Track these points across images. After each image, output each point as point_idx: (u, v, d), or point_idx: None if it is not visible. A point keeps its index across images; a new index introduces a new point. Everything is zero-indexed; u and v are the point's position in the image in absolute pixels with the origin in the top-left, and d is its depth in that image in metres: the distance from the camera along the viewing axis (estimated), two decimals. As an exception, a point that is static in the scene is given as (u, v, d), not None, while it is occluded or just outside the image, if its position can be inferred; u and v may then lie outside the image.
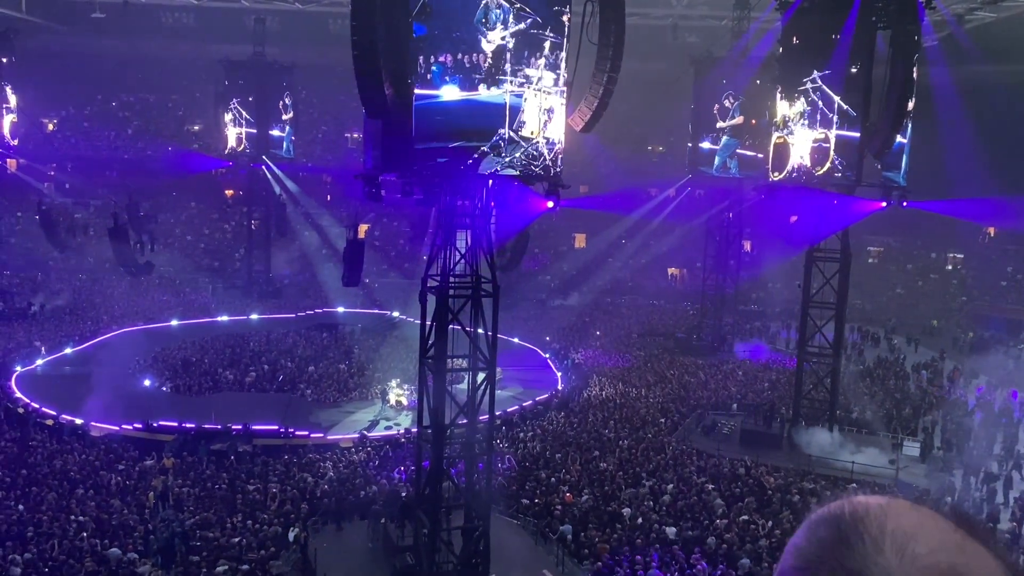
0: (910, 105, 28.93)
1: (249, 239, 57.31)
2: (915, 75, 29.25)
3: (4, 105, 45.58)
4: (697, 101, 46.41)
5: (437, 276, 19.31)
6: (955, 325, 51.07)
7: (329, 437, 30.24)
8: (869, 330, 49.69)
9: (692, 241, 53.04)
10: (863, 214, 31.43)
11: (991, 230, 60.61)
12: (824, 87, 29.04)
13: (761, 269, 52.85)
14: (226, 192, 65.62)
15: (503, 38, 17.72)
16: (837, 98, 28.70)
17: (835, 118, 28.83)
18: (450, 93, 17.45)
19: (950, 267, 60.53)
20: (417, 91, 17.08)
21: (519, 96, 18.10)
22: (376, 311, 50.24)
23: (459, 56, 17.45)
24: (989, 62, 49.71)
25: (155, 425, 29.93)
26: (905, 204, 32.72)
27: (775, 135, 30.79)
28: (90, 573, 18.68)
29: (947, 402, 36.09)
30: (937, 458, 29.70)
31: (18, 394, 33.07)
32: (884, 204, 31.19)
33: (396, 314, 48.08)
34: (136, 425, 29.99)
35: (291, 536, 21.58)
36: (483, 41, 17.59)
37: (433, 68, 17.22)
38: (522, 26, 17.84)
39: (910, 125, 30.02)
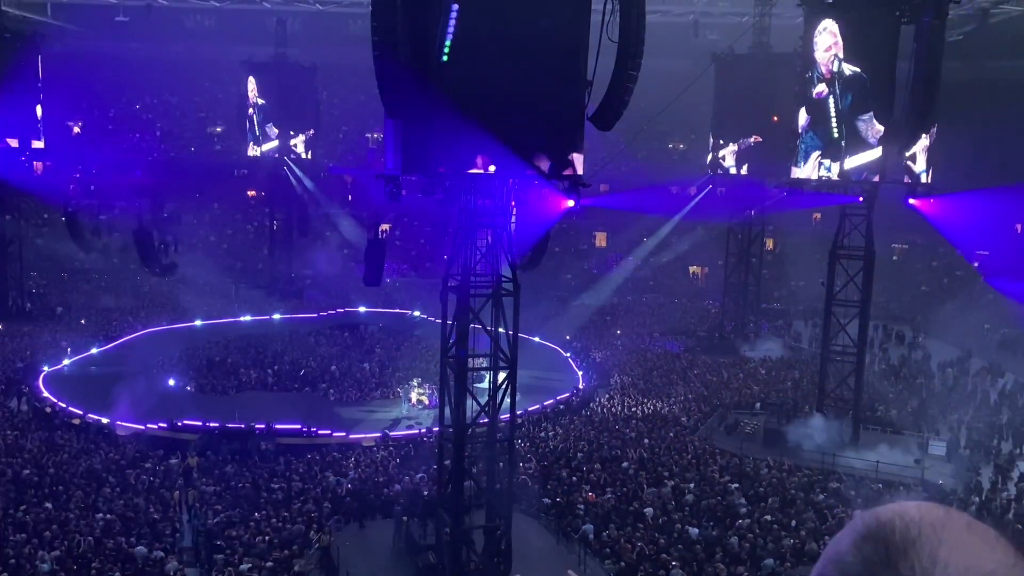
0: (935, 101, 28.58)
1: (271, 239, 57.63)
2: (940, 70, 28.90)
3: (32, 108, 46.20)
4: (718, 99, 46.18)
5: (458, 275, 19.35)
6: (982, 323, 50.36)
7: (351, 436, 30.36)
8: (894, 328, 49.14)
9: (714, 239, 52.69)
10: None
11: (1018, 226, 59.68)
12: (846, 83, 28.86)
13: (784, 267, 52.36)
14: (248, 193, 66.06)
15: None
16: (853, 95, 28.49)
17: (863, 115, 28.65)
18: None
19: (976, 264, 59.65)
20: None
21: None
22: (397, 311, 50.39)
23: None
24: (1016, 56, 48.99)
25: (179, 424, 30.21)
26: (931, 200, 32.40)
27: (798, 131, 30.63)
28: (116, 571, 18.87)
29: (975, 400, 35.65)
30: (963, 457, 29.35)
31: (45, 393, 33.52)
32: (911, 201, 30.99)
33: (417, 314, 48.19)
34: (161, 424, 30.28)
35: (315, 543, 21.62)
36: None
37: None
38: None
39: (935, 121, 29.66)
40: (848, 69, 28.89)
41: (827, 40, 29.26)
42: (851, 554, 1.09)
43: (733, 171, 45.76)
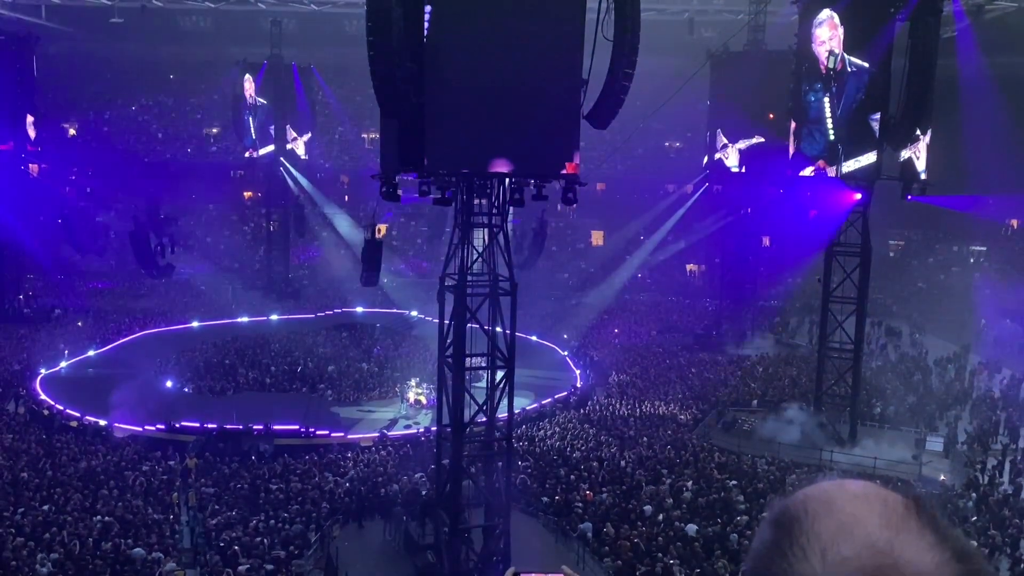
0: (930, 98, 28.58)
1: (268, 240, 57.59)
2: (935, 67, 28.91)
3: (27, 110, 46.10)
4: (714, 97, 46.20)
5: (455, 275, 19.34)
6: (978, 319, 50.42)
7: (350, 436, 30.37)
8: (891, 325, 49.13)
9: (710, 237, 52.70)
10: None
11: (1014, 222, 59.81)
12: (845, 80, 28.89)
13: (780, 264, 52.19)
14: (244, 194, 65.99)
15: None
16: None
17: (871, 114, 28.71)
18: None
19: (972, 260, 59.78)
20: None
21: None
22: (395, 311, 50.36)
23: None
24: (1012, 52, 49.04)
25: (177, 426, 30.18)
26: (926, 196, 32.43)
27: (794, 130, 30.66)
28: (115, 573, 18.85)
29: (972, 396, 35.70)
30: (961, 453, 29.41)
31: (43, 396, 33.46)
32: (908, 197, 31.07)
33: (415, 313, 48.18)
34: (159, 426, 30.25)
35: (313, 540, 21.64)
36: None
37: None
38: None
39: (931, 118, 29.66)
40: (851, 64, 28.82)
41: (825, 32, 29.17)
42: (757, 539, 1.10)
43: (735, 169, 45.71)
